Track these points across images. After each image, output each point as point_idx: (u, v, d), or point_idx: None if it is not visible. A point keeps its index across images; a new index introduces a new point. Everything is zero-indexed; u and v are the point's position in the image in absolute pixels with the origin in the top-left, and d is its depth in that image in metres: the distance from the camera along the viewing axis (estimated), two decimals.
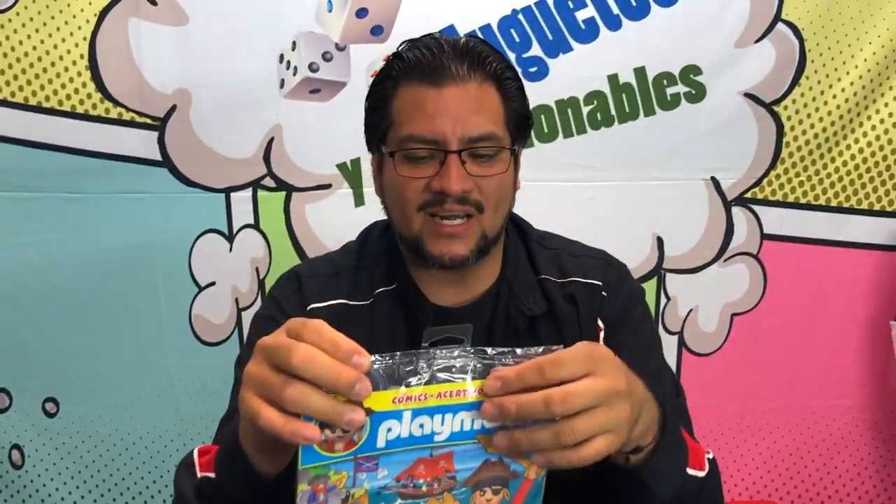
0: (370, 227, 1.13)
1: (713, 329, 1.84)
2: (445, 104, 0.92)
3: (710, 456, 0.88)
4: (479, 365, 0.63)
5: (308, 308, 1.02)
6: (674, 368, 1.82)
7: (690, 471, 0.82)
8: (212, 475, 0.79)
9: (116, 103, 1.67)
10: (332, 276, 1.05)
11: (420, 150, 0.93)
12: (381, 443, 0.61)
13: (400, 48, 0.99)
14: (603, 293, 1.04)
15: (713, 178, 1.80)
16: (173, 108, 1.68)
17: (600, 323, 1.03)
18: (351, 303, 1.03)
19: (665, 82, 1.75)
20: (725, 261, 1.83)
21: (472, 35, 1.65)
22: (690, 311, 1.83)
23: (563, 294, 1.03)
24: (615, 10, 1.72)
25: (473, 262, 0.96)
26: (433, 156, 0.93)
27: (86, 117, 1.66)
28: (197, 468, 0.83)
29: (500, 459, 0.65)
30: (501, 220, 0.99)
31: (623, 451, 0.74)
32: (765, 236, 1.83)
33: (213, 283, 1.74)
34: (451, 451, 0.63)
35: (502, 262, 1.06)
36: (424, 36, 0.98)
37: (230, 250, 1.73)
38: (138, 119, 1.68)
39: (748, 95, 1.77)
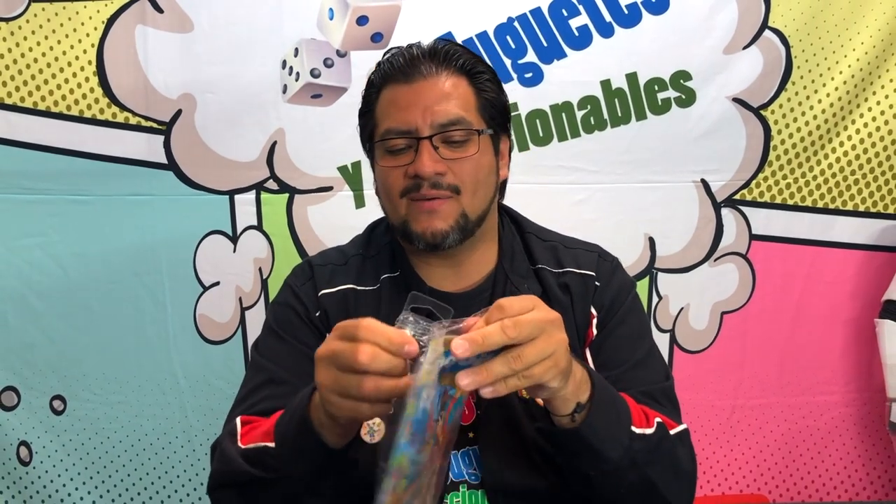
0: (377, 221, 1.20)
1: (704, 327, 1.89)
2: (416, 96, 1.00)
3: (659, 420, 0.93)
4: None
5: (320, 294, 1.09)
6: None
7: (636, 429, 0.89)
8: (271, 444, 0.88)
9: (123, 108, 1.71)
10: (342, 264, 1.13)
11: (397, 141, 1.01)
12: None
13: (382, 58, 1.07)
14: (596, 283, 1.10)
15: (703, 181, 1.85)
16: (179, 112, 1.72)
17: (593, 310, 1.09)
18: (359, 288, 1.10)
19: (656, 87, 1.80)
20: (715, 260, 1.88)
21: (467, 42, 1.73)
22: (682, 309, 1.88)
23: (558, 283, 1.09)
24: (608, 17, 1.77)
25: (456, 239, 1.02)
26: (410, 146, 1.01)
27: (93, 122, 1.71)
28: (239, 438, 0.93)
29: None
30: (483, 203, 1.04)
31: (565, 412, 0.83)
32: (753, 237, 1.88)
33: (217, 283, 1.78)
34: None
35: (499, 253, 1.12)
36: (403, 46, 1.07)
37: (234, 251, 1.78)
38: (144, 123, 1.72)
39: (736, 100, 1.83)
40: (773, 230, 1.88)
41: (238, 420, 0.97)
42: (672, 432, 0.94)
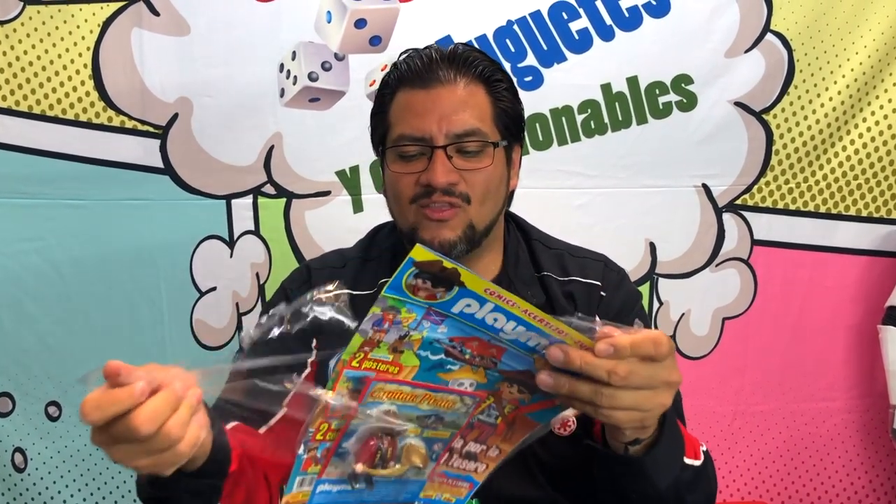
0: (380, 225, 1.21)
1: (705, 333, 1.88)
2: (433, 104, 1.00)
3: (704, 448, 0.93)
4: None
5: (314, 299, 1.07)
6: None
7: (687, 460, 0.88)
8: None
9: (119, 111, 1.70)
10: (340, 267, 1.13)
11: (410, 148, 1.01)
12: (456, 309, 0.68)
13: (398, 58, 1.06)
14: (601, 293, 1.09)
15: (704, 185, 1.84)
16: (175, 116, 1.71)
17: (598, 321, 1.07)
18: (354, 292, 1.08)
19: (657, 91, 1.79)
20: (717, 266, 1.87)
21: (467, 44, 1.71)
22: (682, 315, 1.87)
23: (563, 291, 1.09)
24: (608, 20, 1.76)
25: (463, 249, 1.01)
26: (423, 153, 1.00)
27: (89, 125, 1.69)
28: None
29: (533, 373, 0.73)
30: (490, 213, 1.04)
31: (623, 440, 0.79)
32: (755, 242, 1.87)
33: (213, 289, 1.77)
34: (505, 349, 0.72)
35: (503, 259, 1.12)
36: (420, 48, 1.06)
37: (231, 256, 1.76)
38: (140, 127, 1.71)
39: (738, 104, 1.81)
40: (774, 235, 1.87)
41: None
42: (709, 467, 0.93)
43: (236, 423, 1.00)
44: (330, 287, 0.96)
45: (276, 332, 1.05)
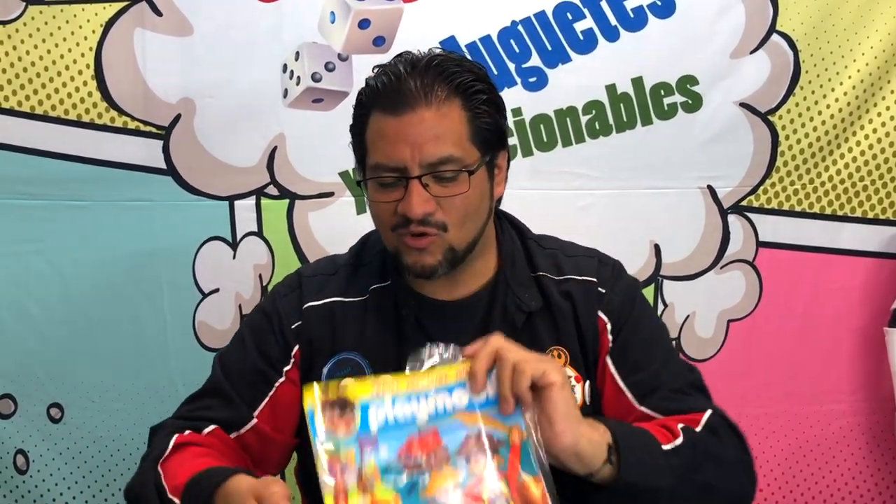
0: (371, 231, 1.18)
1: (710, 335, 1.87)
2: (405, 132, 0.97)
3: (682, 424, 0.95)
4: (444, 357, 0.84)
5: (304, 306, 1.09)
6: None
7: (667, 446, 0.91)
8: (177, 501, 0.92)
9: (122, 112, 1.69)
10: (331, 274, 1.13)
11: (387, 178, 0.99)
12: (374, 424, 0.75)
13: (370, 75, 1.03)
14: (599, 289, 1.09)
15: (709, 187, 1.83)
16: (178, 117, 1.70)
17: (603, 316, 1.08)
18: (345, 300, 1.10)
19: (662, 92, 1.78)
20: (722, 268, 1.86)
21: (471, 46, 1.71)
22: (687, 317, 1.86)
23: (559, 291, 1.08)
24: (613, 21, 1.75)
25: (446, 271, 1.02)
26: (399, 180, 0.98)
27: (91, 126, 1.68)
28: (163, 460, 0.97)
29: (479, 432, 0.79)
30: (472, 232, 1.03)
31: (600, 458, 0.86)
32: (760, 244, 1.86)
33: (216, 290, 1.76)
34: (436, 428, 0.77)
35: (498, 260, 1.11)
36: (394, 57, 1.03)
37: (234, 257, 1.75)
38: (143, 128, 1.70)
39: (744, 105, 1.80)
40: (780, 237, 1.86)
41: (172, 441, 1.00)
42: (699, 429, 0.96)
43: (214, 426, 1.04)
44: None
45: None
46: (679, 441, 0.91)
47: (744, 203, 1.84)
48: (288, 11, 1.68)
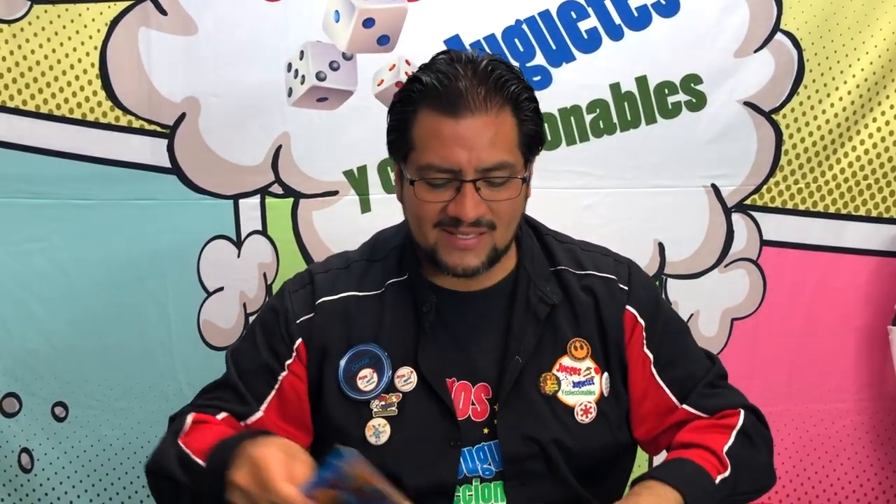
0: (382, 230, 1.21)
1: (714, 334, 1.87)
2: (462, 135, 0.97)
3: (728, 446, 1.03)
4: None
5: (318, 302, 1.10)
6: None
7: (717, 478, 0.99)
8: (202, 463, 0.95)
9: (126, 111, 1.69)
10: (344, 269, 1.14)
11: (438, 179, 1.00)
12: None
13: (419, 71, 1.04)
14: (621, 286, 1.12)
15: (713, 185, 1.83)
16: (182, 115, 1.70)
17: (634, 312, 1.11)
18: (360, 294, 1.11)
19: (666, 91, 1.78)
20: (726, 266, 1.86)
21: (475, 45, 1.71)
22: (691, 315, 1.86)
23: (580, 285, 1.11)
24: (617, 20, 1.75)
25: (485, 270, 1.04)
26: (450, 181, 0.99)
27: (96, 125, 1.68)
28: (183, 434, 1.01)
29: None
30: (512, 233, 1.07)
31: None
32: (764, 242, 1.86)
33: (221, 289, 1.76)
34: None
35: (518, 255, 1.13)
36: (442, 55, 1.03)
37: (238, 256, 1.75)
38: (148, 127, 1.70)
39: (748, 104, 1.80)
40: (784, 236, 1.86)
41: (189, 417, 1.04)
42: (734, 440, 1.04)
43: (226, 414, 1.07)
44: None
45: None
46: (727, 474, 1.00)
47: (748, 202, 1.84)
48: (293, 10, 1.68)
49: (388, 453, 1.03)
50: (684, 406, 1.10)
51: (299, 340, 1.08)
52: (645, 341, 1.11)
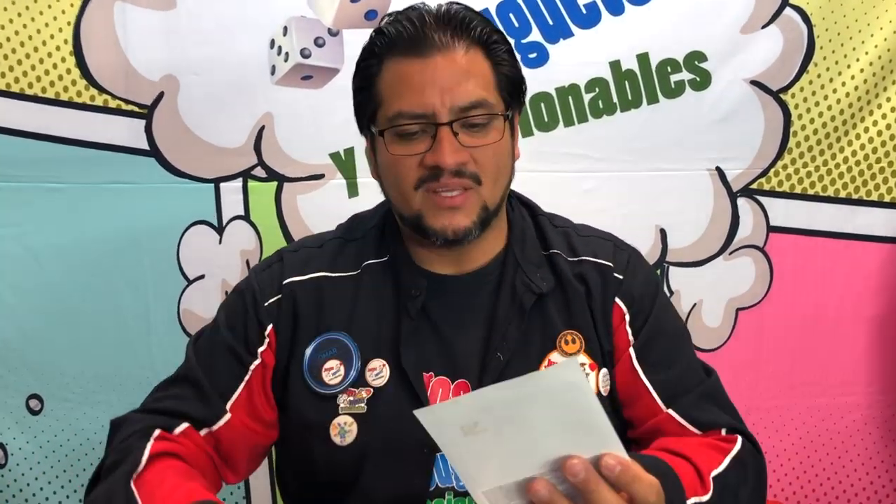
0: (360, 212, 1.12)
1: (718, 324, 1.79)
2: (432, 75, 0.89)
3: (717, 471, 0.88)
4: None
5: (285, 282, 1.00)
6: None
7: (693, 500, 0.84)
8: None
9: (102, 90, 1.61)
10: (317, 247, 1.04)
11: (410, 126, 0.91)
12: None
13: (382, 23, 0.95)
14: (616, 275, 1.02)
15: (718, 169, 1.75)
16: (161, 95, 1.62)
17: (621, 305, 1.01)
18: (333, 275, 1.01)
19: (669, 69, 1.69)
20: (730, 254, 1.78)
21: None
22: (694, 305, 1.78)
23: (573, 272, 1.01)
24: None
25: (477, 233, 0.94)
26: (424, 130, 0.91)
27: (70, 105, 1.61)
28: (137, 475, 0.86)
29: None
30: (501, 190, 0.97)
31: None
32: (771, 228, 1.78)
33: (202, 276, 1.69)
34: None
35: (508, 237, 1.03)
36: (406, 9, 0.95)
37: (220, 242, 1.68)
38: (124, 106, 1.62)
39: (754, 83, 1.72)
40: (792, 222, 1.78)
41: (146, 450, 0.89)
42: (725, 466, 0.90)
43: (186, 425, 0.95)
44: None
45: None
46: (704, 499, 0.85)
47: (754, 186, 1.76)
48: None
49: (354, 456, 0.93)
50: (669, 411, 0.97)
51: (270, 326, 0.99)
52: (630, 335, 1.00)
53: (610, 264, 1.02)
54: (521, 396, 0.64)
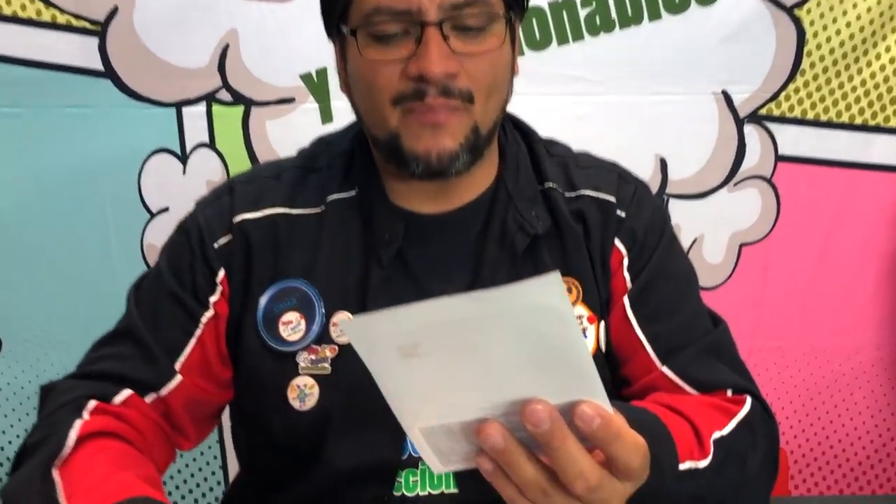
0: (328, 133, 0.96)
1: (720, 261, 1.68)
2: None
3: (721, 433, 0.75)
4: None
5: (236, 219, 0.85)
6: None
7: (685, 464, 0.69)
8: None
9: (49, 4, 1.47)
10: (273, 178, 0.89)
11: (390, 25, 0.75)
12: None
13: None
14: (618, 212, 0.88)
15: (724, 92, 1.61)
16: (115, 10, 1.48)
17: (620, 247, 0.87)
18: (293, 212, 0.86)
19: None
20: (735, 185, 1.65)
21: None
22: (695, 240, 1.67)
23: (570, 210, 0.87)
24: None
25: (465, 161, 0.78)
26: (407, 31, 0.75)
27: (14, 20, 1.47)
28: (62, 462, 0.72)
29: None
30: (496, 111, 0.81)
31: None
32: (779, 157, 1.65)
33: (166, 209, 1.57)
34: None
35: (500, 165, 0.88)
36: None
37: (184, 172, 1.56)
38: (75, 23, 1.48)
39: None
40: (802, 150, 1.65)
41: (74, 430, 0.74)
42: (731, 429, 0.76)
43: (130, 392, 0.81)
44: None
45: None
46: (703, 465, 0.71)
47: (763, 111, 1.62)
48: None
49: (315, 422, 0.81)
50: (664, 368, 0.83)
51: (222, 271, 0.85)
52: (627, 280, 0.87)
53: (612, 199, 0.88)
54: (479, 316, 0.49)
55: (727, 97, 1.61)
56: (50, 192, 1.54)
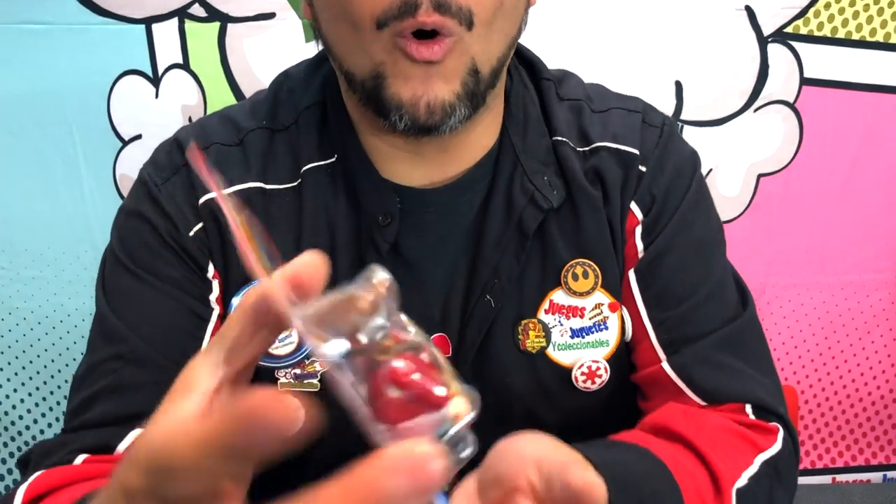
0: (290, 68, 0.80)
1: (736, 193, 1.57)
2: None
3: (747, 480, 0.62)
4: None
5: (201, 201, 0.70)
6: None
7: None
8: None
9: None
10: (235, 144, 0.73)
11: None
12: None
13: None
14: (640, 167, 0.73)
15: (748, 8, 1.46)
16: None
17: (636, 210, 0.73)
18: (267, 187, 0.71)
19: None
20: (756, 111, 1.52)
21: None
22: (710, 170, 1.55)
23: (584, 168, 0.72)
24: None
25: (463, 115, 0.63)
26: None
27: None
28: None
29: None
30: (502, 46, 0.65)
31: None
32: (805, 80, 1.51)
33: (138, 137, 1.45)
34: None
35: (505, 118, 0.73)
36: None
37: (156, 96, 1.43)
38: None
39: None
40: (830, 72, 1.51)
41: (18, 494, 0.59)
42: (763, 493, 0.63)
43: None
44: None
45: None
46: None
47: (789, 29, 1.48)
48: None
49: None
50: (667, 367, 0.70)
51: (210, 263, 0.71)
52: (639, 250, 0.72)
53: (635, 151, 0.73)
54: None
55: (750, 13, 1.46)
56: (12, 118, 1.42)
